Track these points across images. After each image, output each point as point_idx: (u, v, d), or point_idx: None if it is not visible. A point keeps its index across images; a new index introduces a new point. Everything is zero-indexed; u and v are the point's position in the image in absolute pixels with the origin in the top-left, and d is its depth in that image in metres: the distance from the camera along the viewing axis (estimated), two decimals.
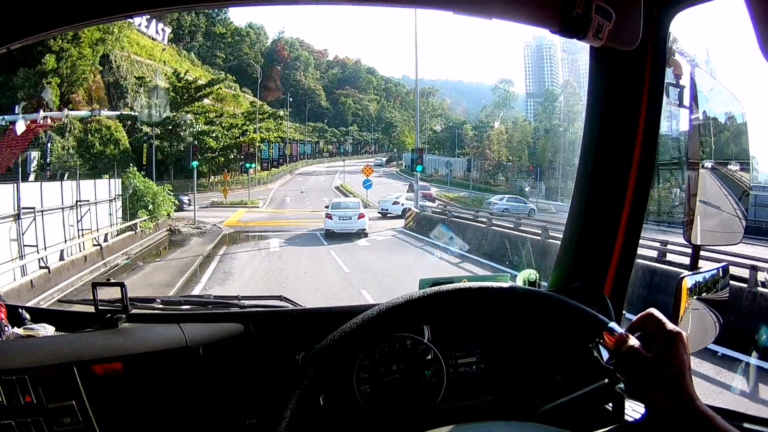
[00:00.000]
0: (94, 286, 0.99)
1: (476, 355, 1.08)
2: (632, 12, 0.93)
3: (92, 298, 0.99)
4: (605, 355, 0.82)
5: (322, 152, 41.12)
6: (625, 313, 1.18)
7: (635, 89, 1.07)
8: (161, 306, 1.10)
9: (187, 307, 1.14)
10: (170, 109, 23.09)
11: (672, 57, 1.05)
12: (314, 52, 49.04)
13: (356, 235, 15.14)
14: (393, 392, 1.00)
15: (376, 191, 23.62)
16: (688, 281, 0.97)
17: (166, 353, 0.93)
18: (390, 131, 45.29)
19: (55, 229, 11.37)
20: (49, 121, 19.92)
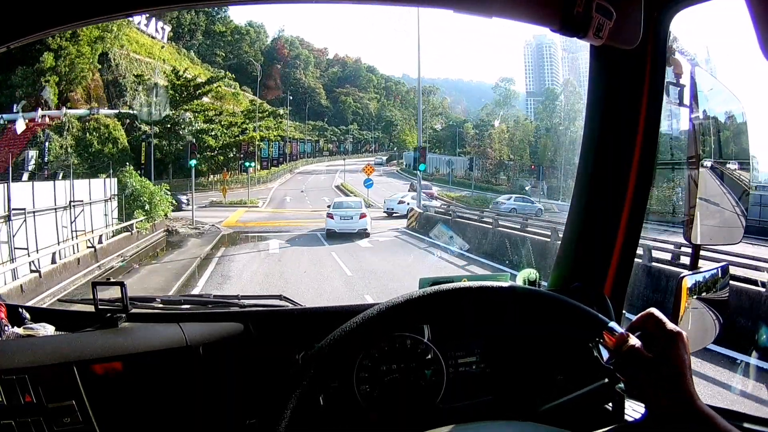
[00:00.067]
0: (93, 285, 0.99)
1: (476, 354, 1.08)
2: (633, 11, 0.93)
3: (92, 298, 0.99)
4: (605, 354, 0.82)
5: (322, 151, 41.07)
6: (625, 313, 1.18)
7: (635, 88, 1.07)
8: (161, 305, 1.10)
9: (187, 306, 1.14)
10: (169, 107, 22.93)
11: (672, 56, 1.05)
12: (314, 50, 49.03)
13: (357, 235, 14.95)
14: (393, 392, 1.00)
15: (376, 190, 23.48)
16: (688, 281, 0.97)
17: (166, 353, 0.93)
18: (390, 130, 45.26)
19: (47, 230, 11.10)
20: (47, 119, 19.84)
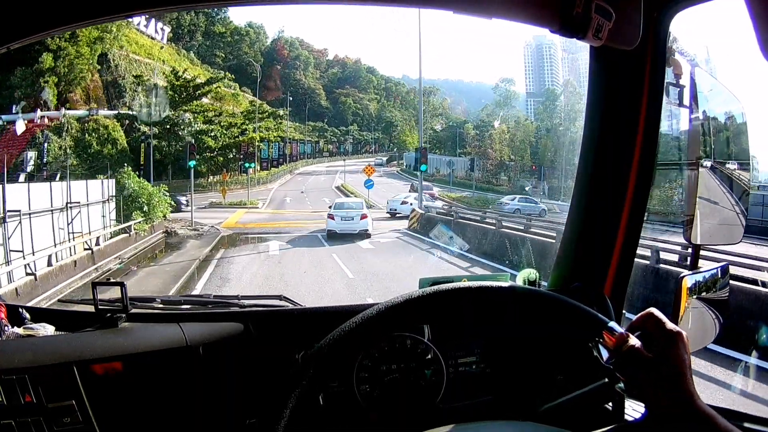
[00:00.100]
0: (94, 285, 0.99)
1: (476, 354, 1.08)
2: (632, 11, 0.93)
3: (92, 298, 0.99)
4: (605, 354, 0.82)
5: (322, 152, 41.04)
6: (625, 313, 1.18)
7: (635, 89, 1.07)
8: (161, 305, 1.10)
9: (187, 306, 1.14)
10: (168, 108, 22.91)
11: (672, 56, 1.05)
12: (314, 51, 49.00)
13: (359, 236, 14.86)
14: (393, 392, 1.00)
15: (377, 191, 23.44)
16: (688, 281, 0.97)
17: (166, 353, 0.93)
18: (390, 131, 45.23)
19: (43, 232, 10.97)
20: (47, 120, 19.83)
